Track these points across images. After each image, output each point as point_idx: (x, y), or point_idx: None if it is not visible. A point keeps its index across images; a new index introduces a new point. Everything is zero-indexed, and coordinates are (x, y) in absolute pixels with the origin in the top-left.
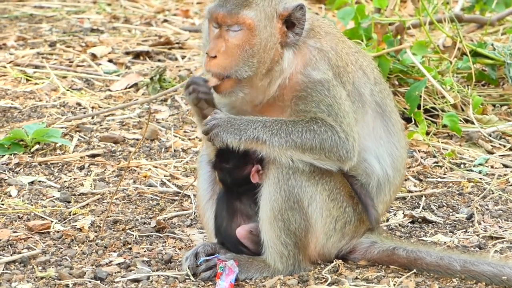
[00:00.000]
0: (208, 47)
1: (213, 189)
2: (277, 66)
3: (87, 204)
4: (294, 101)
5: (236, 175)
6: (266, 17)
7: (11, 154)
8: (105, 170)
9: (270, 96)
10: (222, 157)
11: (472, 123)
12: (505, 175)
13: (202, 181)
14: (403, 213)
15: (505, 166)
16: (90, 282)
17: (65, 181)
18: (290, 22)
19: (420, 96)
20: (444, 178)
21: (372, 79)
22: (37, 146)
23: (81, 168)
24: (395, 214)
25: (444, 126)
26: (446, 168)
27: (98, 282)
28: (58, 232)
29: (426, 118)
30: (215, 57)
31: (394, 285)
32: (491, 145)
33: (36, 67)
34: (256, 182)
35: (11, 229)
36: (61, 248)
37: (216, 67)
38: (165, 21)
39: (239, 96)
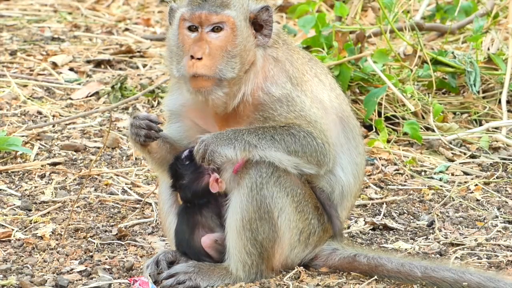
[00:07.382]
0: (191, 50)
1: (175, 195)
2: (252, 69)
3: (48, 212)
4: (262, 120)
5: (195, 188)
6: (244, 17)
7: None
8: (66, 178)
9: (234, 104)
10: (177, 175)
11: (433, 131)
12: (465, 182)
13: (163, 187)
14: (364, 220)
15: (466, 173)
16: None
17: (26, 189)
18: (257, 24)
19: (381, 104)
20: (405, 185)
21: (327, 85)
22: None
23: (42, 177)
24: (356, 221)
25: (405, 134)
26: (407, 175)
27: None
28: (19, 240)
29: (387, 126)
30: (200, 58)
31: None
32: (452, 153)
33: None
34: (216, 191)
35: None
36: (22, 256)
37: (204, 68)
38: (126, 29)
39: (218, 95)
